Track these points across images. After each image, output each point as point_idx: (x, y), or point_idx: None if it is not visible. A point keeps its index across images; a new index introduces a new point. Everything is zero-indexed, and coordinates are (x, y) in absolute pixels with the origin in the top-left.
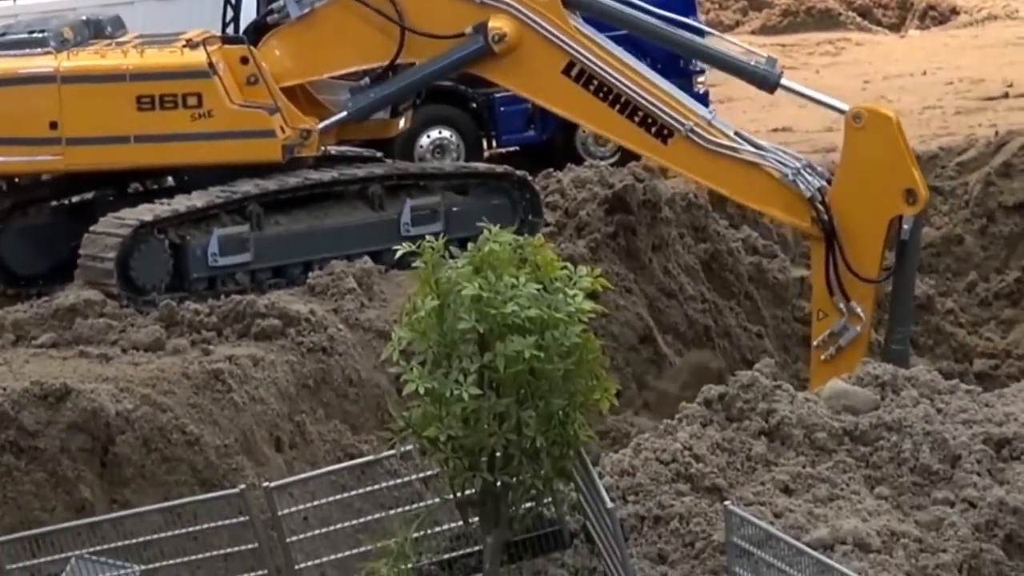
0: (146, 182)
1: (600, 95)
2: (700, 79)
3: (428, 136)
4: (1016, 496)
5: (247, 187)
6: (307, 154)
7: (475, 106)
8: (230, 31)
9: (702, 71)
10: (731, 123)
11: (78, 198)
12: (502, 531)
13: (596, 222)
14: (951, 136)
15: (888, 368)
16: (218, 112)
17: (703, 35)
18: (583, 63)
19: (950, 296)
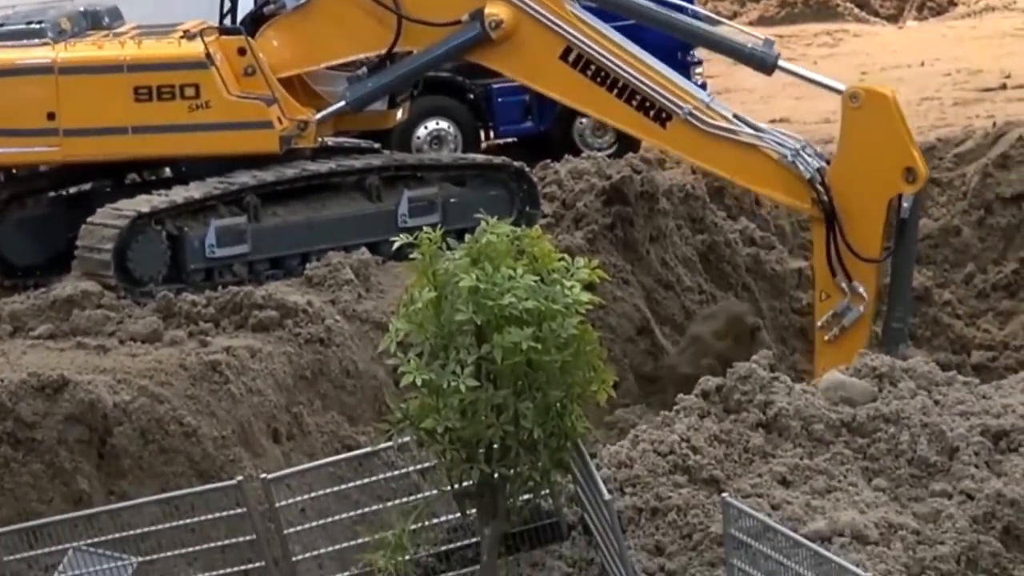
0: (143, 173)
1: (598, 80)
2: (698, 70)
3: (425, 127)
4: (1014, 488)
5: (244, 178)
6: (304, 145)
7: (472, 97)
8: (227, 22)
9: (699, 62)
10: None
11: (75, 189)
12: (500, 523)
13: (593, 213)
14: (949, 127)
15: (886, 360)
16: (215, 103)
17: (700, 19)
18: (580, 48)
19: (948, 288)
